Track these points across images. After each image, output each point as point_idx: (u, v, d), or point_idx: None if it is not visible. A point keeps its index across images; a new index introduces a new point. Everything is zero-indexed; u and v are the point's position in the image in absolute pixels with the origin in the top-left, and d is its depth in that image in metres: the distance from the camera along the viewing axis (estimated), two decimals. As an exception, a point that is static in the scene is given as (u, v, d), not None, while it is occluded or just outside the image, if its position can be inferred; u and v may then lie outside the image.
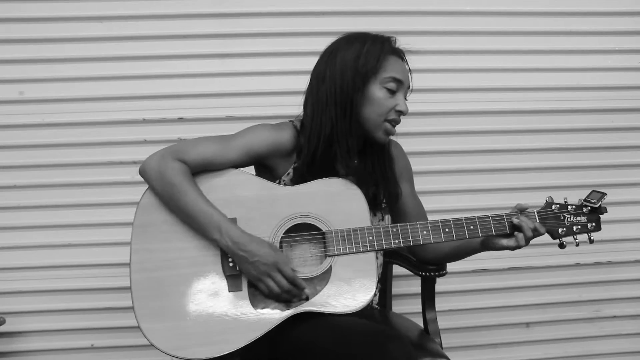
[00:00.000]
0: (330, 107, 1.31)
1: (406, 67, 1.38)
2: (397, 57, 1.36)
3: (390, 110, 1.33)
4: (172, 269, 1.24)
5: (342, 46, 1.34)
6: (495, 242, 1.30)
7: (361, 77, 1.30)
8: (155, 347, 1.20)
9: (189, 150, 1.29)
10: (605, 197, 1.27)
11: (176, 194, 1.24)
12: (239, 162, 1.32)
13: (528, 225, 1.25)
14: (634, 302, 2.14)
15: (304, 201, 1.29)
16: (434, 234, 1.29)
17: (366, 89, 1.31)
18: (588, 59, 2.04)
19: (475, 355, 2.10)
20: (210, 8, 1.90)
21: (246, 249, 1.21)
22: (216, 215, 1.24)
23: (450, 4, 1.97)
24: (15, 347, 1.94)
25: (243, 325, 1.21)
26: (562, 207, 1.29)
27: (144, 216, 1.28)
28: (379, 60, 1.31)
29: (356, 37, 1.35)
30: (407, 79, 1.36)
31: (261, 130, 1.34)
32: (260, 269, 1.21)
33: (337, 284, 1.24)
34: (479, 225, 1.29)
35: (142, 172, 1.31)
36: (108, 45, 1.88)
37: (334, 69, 1.32)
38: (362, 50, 1.31)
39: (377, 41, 1.33)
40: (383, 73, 1.32)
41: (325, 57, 1.35)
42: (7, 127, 1.88)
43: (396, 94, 1.33)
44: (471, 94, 2.01)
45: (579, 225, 1.29)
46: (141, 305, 1.22)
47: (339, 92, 1.30)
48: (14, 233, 1.91)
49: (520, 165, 2.04)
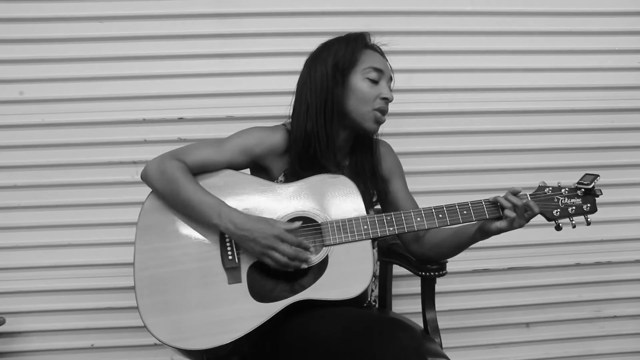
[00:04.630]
0: (311, 106, 1.36)
1: (384, 60, 1.41)
2: (374, 51, 1.41)
3: (375, 98, 1.37)
4: (174, 265, 1.28)
5: (321, 51, 1.39)
6: (490, 226, 1.29)
7: (340, 72, 1.35)
8: (159, 340, 1.22)
9: (187, 152, 1.35)
10: (598, 179, 1.27)
11: (176, 189, 1.28)
12: (234, 162, 1.36)
13: (517, 204, 1.25)
14: (634, 302, 2.14)
15: (300, 197, 1.33)
16: (428, 219, 1.31)
17: (347, 82, 1.36)
18: (588, 59, 2.04)
19: (475, 355, 2.10)
20: (210, 8, 1.90)
21: (245, 227, 1.24)
22: (214, 201, 1.28)
23: (450, 4, 1.97)
24: (15, 347, 1.94)
25: (243, 315, 1.23)
26: (556, 190, 1.30)
27: (147, 218, 1.32)
28: (354, 53, 1.36)
29: (334, 40, 1.40)
30: (387, 69, 1.40)
31: (255, 131, 1.40)
32: (262, 242, 1.23)
33: (334, 271, 1.27)
34: (472, 209, 1.30)
35: (143, 175, 1.35)
36: (108, 45, 1.89)
37: (314, 73, 1.37)
38: (339, 49, 1.37)
39: (350, 38, 1.39)
40: (362, 64, 1.36)
41: (308, 64, 1.41)
42: (7, 127, 1.88)
43: (379, 82, 1.37)
44: (471, 94, 2.01)
45: (574, 206, 1.28)
46: (145, 302, 1.25)
47: (319, 90, 1.36)
48: (14, 233, 1.91)
49: (521, 165, 2.04)
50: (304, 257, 1.25)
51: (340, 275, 1.26)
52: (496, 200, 1.28)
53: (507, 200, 1.27)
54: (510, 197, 1.27)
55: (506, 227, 1.27)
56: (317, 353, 1.15)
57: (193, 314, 1.24)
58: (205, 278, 1.27)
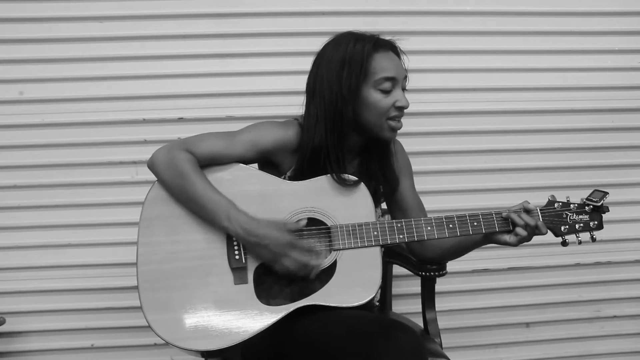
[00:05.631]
0: (320, 122, 1.31)
1: (396, 59, 1.35)
2: (384, 52, 1.32)
3: (389, 108, 1.32)
4: (179, 261, 1.25)
5: (327, 57, 1.32)
6: (498, 238, 1.31)
7: (350, 89, 1.28)
8: (161, 338, 1.21)
9: (197, 143, 1.30)
10: (607, 197, 1.29)
11: (185, 183, 1.25)
12: (245, 157, 1.32)
13: (530, 223, 1.26)
14: (634, 302, 2.15)
15: (309, 196, 1.30)
16: (438, 229, 1.30)
17: (360, 96, 1.30)
18: (588, 59, 2.04)
19: (475, 355, 2.10)
20: (210, 8, 1.90)
21: (256, 233, 1.22)
22: (224, 202, 1.24)
23: (450, 4, 1.97)
24: (15, 347, 1.94)
25: (248, 318, 1.22)
26: (565, 206, 1.31)
27: (150, 210, 1.29)
28: (363, 66, 1.28)
29: (339, 43, 1.32)
30: (399, 72, 1.33)
31: (268, 126, 1.35)
32: (274, 250, 1.21)
33: (342, 277, 1.25)
34: (483, 222, 1.30)
35: (150, 164, 1.31)
36: (108, 45, 1.88)
37: (321, 85, 1.31)
38: (345, 59, 1.29)
39: (358, 44, 1.30)
40: (373, 76, 1.30)
41: (314, 70, 1.35)
42: (7, 127, 1.88)
43: (392, 91, 1.32)
44: (471, 94, 2.01)
45: (581, 223, 1.30)
46: (147, 298, 1.23)
47: (327, 107, 1.30)
48: (14, 233, 1.91)
49: (521, 165, 2.04)
50: (315, 264, 1.23)
51: (348, 282, 1.25)
52: (509, 217, 1.28)
53: (520, 218, 1.27)
54: (524, 217, 1.27)
55: (515, 243, 1.28)
56: (317, 354, 1.16)
57: (197, 314, 1.22)
58: (210, 277, 1.25)
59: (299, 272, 1.23)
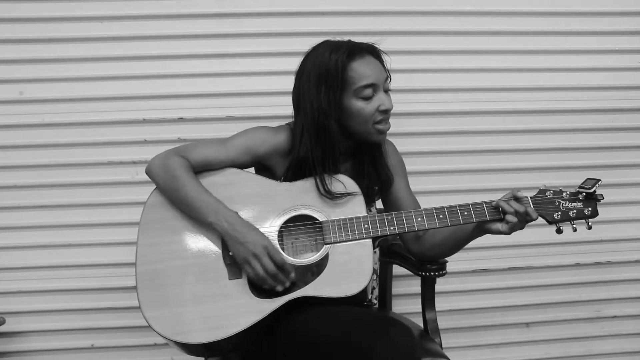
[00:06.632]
0: (305, 135, 1.34)
1: (374, 62, 1.34)
2: (360, 59, 1.32)
3: (373, 114, 1.33)
4: (176, 259, 1.29)
5: (306, 72, 1.34)
6: (490, 227, 1.30)
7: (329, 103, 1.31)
8: (158, 333, 1.23)
9: (191, 149, 1.36)
10: (600, 183, 1.28)
11: (177, 186, 1.29)
12: (238, 161, 1.37)
13: (519, 210, 1.25)
14: (634, 302, 2.15)
15: (301, 195, 1.34)
16: (429, 220, 1.32)
17: (343, 107, 1.33)
18: (588, 59, 2.04)
19: (475, 355, 2.10)
20: (210, 8, 1.90)
21: (240, 229, 1.25)
22: (213, 201, 1.28)
23: (450, 4, 1.97)
24: (15, 347, 1.94)
25: (242, 310, 1.24)
26: (557, 194, 1.31)
27: (150, 214, 1.33)
28: (340, 78, 1.30)
29: (316, 55, 1.34)
30: (378, 76, 1.33)
31: (259, 131, 1.40)
32: (250, 249, 1.23)
33: (334, 269, 1.28)
34: (473, 211, 1.30)
35: (147, 170, 1.36)
36: (108, 45, 1.88)
37: (304, 100, 1.34)
38: (322, 73, 1.31)
39: (332, 55, 1.31)
40: (352, 86, 1.31)
41: (297, 84, 1.38)
42: (7, 127, 1.88)
43: (374, 96, 1.33)
44: (471, 94, 2.01)
45: (575, 210, 1.29)
46: (145, 295, 1.26)
47: (311, 122, 1.33)
48: (14, 233, 1.91)
49: (521, 165, 2.04)
50: (281, 279, 1.24)
51: (340, 274, 1.27)
52: (498, 205, 1.28)
53: (509, 205, 1.27)
54: (512, 204, 1.26)
55: (507, 231, 1.28)
56: (314, 351, 1.16)
57: (193, 308, 1.25)
58: (205, 273, 1.28)
59: (265, 280, 1.24)
